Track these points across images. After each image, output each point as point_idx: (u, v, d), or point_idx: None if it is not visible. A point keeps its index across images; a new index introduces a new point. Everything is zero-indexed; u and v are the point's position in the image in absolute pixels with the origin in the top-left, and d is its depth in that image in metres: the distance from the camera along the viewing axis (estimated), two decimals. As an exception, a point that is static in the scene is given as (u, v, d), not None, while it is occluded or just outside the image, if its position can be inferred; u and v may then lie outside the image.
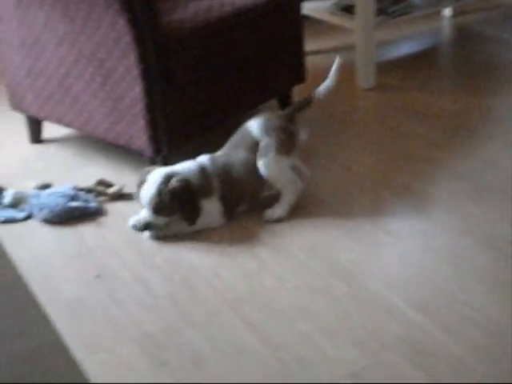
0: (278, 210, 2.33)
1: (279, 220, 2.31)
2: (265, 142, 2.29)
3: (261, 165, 2.29)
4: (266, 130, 2.31)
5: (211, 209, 2.29)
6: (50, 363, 0.82)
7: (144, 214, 2.27)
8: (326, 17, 3.56)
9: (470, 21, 4.19)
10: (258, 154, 2.29)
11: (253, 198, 2.37)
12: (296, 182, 2.35)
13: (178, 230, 2.29)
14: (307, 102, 2.43)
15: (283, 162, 2.31)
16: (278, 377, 1.70)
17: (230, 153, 2.35)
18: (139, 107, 2.43)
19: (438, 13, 4.24)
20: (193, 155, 2.35)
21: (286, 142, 2.31)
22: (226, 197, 2.30)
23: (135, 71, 2.38)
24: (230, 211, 2.33)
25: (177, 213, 2.24)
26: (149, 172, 2.28)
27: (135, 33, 2.32)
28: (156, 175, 2.24)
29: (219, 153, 2.37)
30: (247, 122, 2.37)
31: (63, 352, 0.82)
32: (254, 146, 2.31)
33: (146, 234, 2.29)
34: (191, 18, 2.52)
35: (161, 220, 2.26)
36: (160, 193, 2.21)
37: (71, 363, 0.80)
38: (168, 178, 2.22)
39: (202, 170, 2.29)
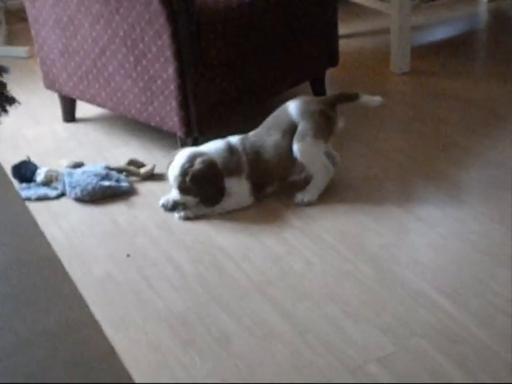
0: (308, 194, 2.32)
1: (309, 204, 2.31)
2: (302, 125, 2.28)
3: (296, 149, 2.28)
4: (305, 113, 2.30)
5: (239, 188, 2.30)
6: (82, 337, 0.83)
7: (172, 193, 2.29)
8: (361, 0, 3.52)
9: (507, 6, 4.12)
10: (294, 137, 2.28)
11: (281, 180, 2.36)
12: (328, 167, 2.34)
13: (208, 210, 2.30)
14: (352, 98, 2.39)
15: (319, 148, 2.30)
16: (303, 360, 1.71)
17: (262, 133, 2.35)
18: (171, 88, 2.44)
19: (475, -3, 4.19)
20: (224, 137, 2.36)
21: (324, 128, 2.30)
22: (254, 176, 2.30)
23: (168, 52, 2.38)
24: (259, 191, 2.33)
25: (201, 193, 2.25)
26: (177, 153, 2.29)
27: (169, 13, 2.32)
28: (181, 155, 2.26)
29: (252, 133, 2.37)
30: (285, 104, 2.36)
31: (94, 327, 0.84)
32: (289, 128, 2.30)
33: (176, 214, 2.30)
34: (225, -1, 2.52)
35: (187, 200, 2.27)
36: (183, 173, 2.23)
37: (102, 338, 0.82)
38: (192, 159, 2.23)
39: (231, 148, 2.30)
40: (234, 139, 2.33)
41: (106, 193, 2.43)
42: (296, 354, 1.73)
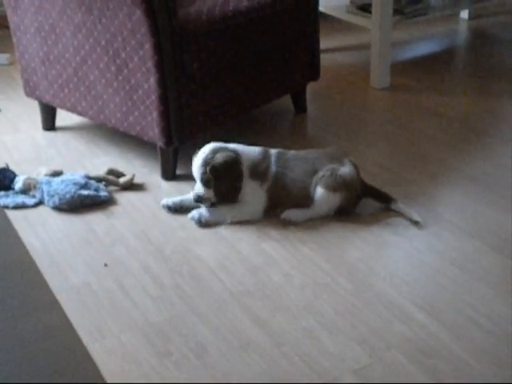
0: (298, 214, 2.31)
1: (294, 223, 2.31)
2: (327, 172, 2.28)
3: (318, 192, 2.27)
4: (348, 179, 2.28)
5: (257, 197, 2.30)
6: (58, 343, 0.84)
7: (196, 186, 2.30)
8: (342, 15, 3.56)
9: (486, 24, 4.18)
10: (320, 179, 2.27)
11: (296, 204, 2.33)
12: (329, 213, 2.32)
13: (221, 218, 2.31)
14: (383, 199, 2.35)
15: (335, 201, 2.29)
16: (280, 371, 1.71)
17: (301, 156, 2.34)
18: (152, 98, 2.44)
19: (455, 15, 4.24)
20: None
21: (349, 200, 2.30)
22: (274, 191, 2.29)
23: (150, 62, 2.39)
24: (272, 207, 2.32)
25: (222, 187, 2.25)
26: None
27: (151, 24, 2.33)
28: (207, 148, 2.27)
29: (292, 151, 2.37)
30: (343, 152, 2.38)
31: (71, 334, 0.84)
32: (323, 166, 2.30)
33: (191, 215, 2.32)
34: (208, 10, 2.53)
35: (210, 194, 2.27)
36: (205, 164, 2.23)
37: (79, 345, 0.82)
38: (216, 152, 2.24)
39: (265, 154, 2.31)
40: (272, 150, 2.34)
41: (85, 202, 2.43)
42: (272, 365, 1.73)
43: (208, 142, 2.40)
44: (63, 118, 3.05)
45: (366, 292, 1.97)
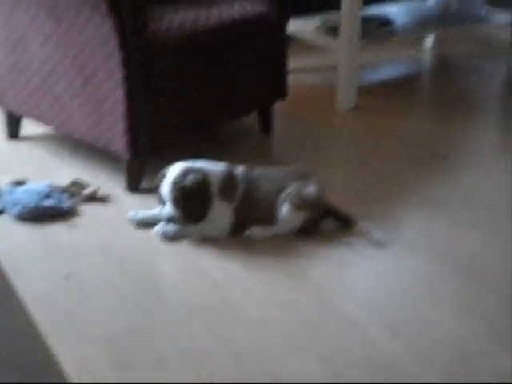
0: (263, 232, 2.32)
1: (260, 240, 2.31)
2: (293, 190, 2.29)
3: (284, 209, 2.29)
4: (310, 196, 2.30)
5: (224, 216, 2.29)
6: (27, 347, 0.85)
7: (166, 207, 2.27)
8: (310, 36, 3.60)
9: (451, 51, 4.27)
10: (285, 197, 2.29)
11: (261, 221, 2.33)
12: (293, 231, 2.34)
13: (186, 233, 2.31)
14: (344, 220, 2.37)
15: (299, 218, 2.30)
16: (239, 386, 1.71)
17: (268, 174, 2.35)
18: (119, 111, 2.44)
19: (420, 41, 4.32)
20: (170, 162, 2.36)
21: (310, 220, 2.32)
22: (241, 210, 2.29)
23: (118, 75, 2.39)
24: (240, 227, 2.32)
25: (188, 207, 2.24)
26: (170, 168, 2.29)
27: (120, 38, 2.34)
28: (177, 168, 2.26)
29: (258, 169, 2.36)
30: (307, 172, 2.39)
31: (37, 338, 0.86)
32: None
33: (156, 229, 2.31)
34: (177, 27, 2.55)
35: (179, 213, 2.26)
36: (175, 185, 2.22)
37: (45, 349, 0.84)
38: (186, 173, 2.23)
39: (231, 174, 2.30)
40: (239, 167, 2.34)
41: (48, 212, 2.41)
42: (233, 381, 1.73)
43: (174, 156, 2.41)
44: (28, 127, 3.03)
45: (329, 310, 1.99)
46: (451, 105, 3.46)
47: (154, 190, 2.41)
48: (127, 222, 2.40)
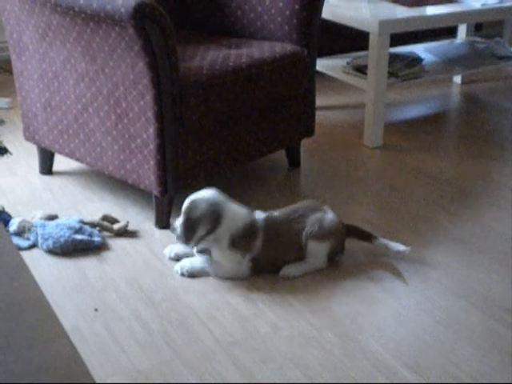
0: (296, 270, 2.33)
1: (293, 279, 2.32)
2: (313, 225, 2.33)
3: (309, 243, 2.32)
4: (331, 228, 2.35)
5: (237, 267, 2.30)
6: (68, 373, 0.90)
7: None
8: (339, 75, 3.64)
9: (478, 89, 4.28)
10: (310, 234, 2.32)
11: (294, 260, 2.35)
12: (324, 262, 2.37)
13: (203, 273, 2.33)
14: (365, 237, 2.44)
15: (326, 248, 2.34)
16: (265, 422, 1.72)
17: (289, 214, 2.36)
18: (150, 148, 2.49)
19: (448, 79, 4.35)
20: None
21: (334, 248, 2.37)
22: (259, 259, 2.30)
23: (150, 112, 2.44)
24: (260, 269, 2.34)
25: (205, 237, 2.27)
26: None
27: (153, 76, 2.39)
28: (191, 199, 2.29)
29: (277, 212, 2.37)
30: (323, 206, 2.41)
31: (79, 365, 0.91)
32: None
33: (177, 267, 2.35)
34: (209, 65, 2.60)
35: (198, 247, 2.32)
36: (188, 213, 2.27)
37: (87, 376, 0.89)
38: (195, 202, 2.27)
39: (253, 223, 2.30)
40: (261, 215, 2.34)
41: (78, 246, 2.46)
42: (257, 417, 1.74)
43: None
44: (60, 162, 3.10)
45: (352, 347, 2.00)
46: (479, 144, 3.47)
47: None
48: (156, 257, 2.43)
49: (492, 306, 2.18)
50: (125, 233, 2.58)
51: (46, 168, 3.08)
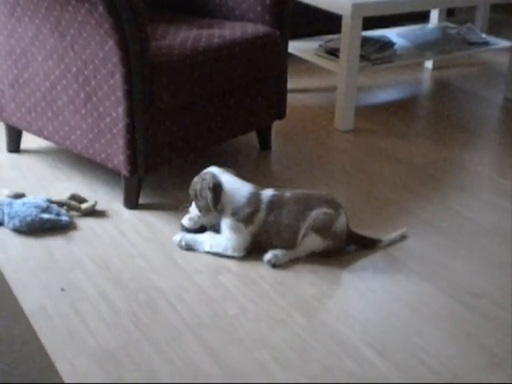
0: (282, 256, 2.31)
1: (274, 267, 2.30)
2: (320, 218, 2.29)
3: (310, 233, 2.30)
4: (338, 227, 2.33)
5: (239, 235, 2.30)
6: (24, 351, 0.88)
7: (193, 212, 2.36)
8: (311, 57, 3.64)
9: (450, 75, 4.31)
10: (309, 225, 2.29)
11: (281, 246, 2.33)
12: (306, 254, 2.35)
13: (199, 246, 2.35)
14: (370, 244, 2.42)
15: (321, 246, 2.32)
16: (231, 403, 1.73)
17: (299, 196, 2.33)
18: (119, 127, 2.47)
19: (420, 64, 4.36)
20: (168, 178, 2.39)
21: (335, 246, 2.35)
22: (259, 235, 2.30)
23: (119, 92, 2.42)
24: (255, 248, 2.33)
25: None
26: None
27: (123, 54, 2.36)
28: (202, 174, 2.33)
29: (289, 193, 2.34)
30: (331, 194, 2.40)
31: (36, 343, 0.89)
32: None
33: (177, 237, 2.37)
34: (180, 45, 2.58)
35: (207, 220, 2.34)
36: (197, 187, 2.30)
37: (43, 353, 0.87)
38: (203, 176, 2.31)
39: (255, 198, 2.29)
40: (269, 192, 2.32)
41: (45, 225, 2.43)
42: (223, 397, 1.74)
43: (172, 172, 2.43)
44: (28, 140, 3.06)
45: (320, 329, 2.00)
46: (449, 128, 3.49)
47: (152, 206, 2.43)
48: (124, 237, 2.42)
49: (458, 290, 2.21)
50: (93, 212, 2.56)
51: (14, 146, 3.04)
